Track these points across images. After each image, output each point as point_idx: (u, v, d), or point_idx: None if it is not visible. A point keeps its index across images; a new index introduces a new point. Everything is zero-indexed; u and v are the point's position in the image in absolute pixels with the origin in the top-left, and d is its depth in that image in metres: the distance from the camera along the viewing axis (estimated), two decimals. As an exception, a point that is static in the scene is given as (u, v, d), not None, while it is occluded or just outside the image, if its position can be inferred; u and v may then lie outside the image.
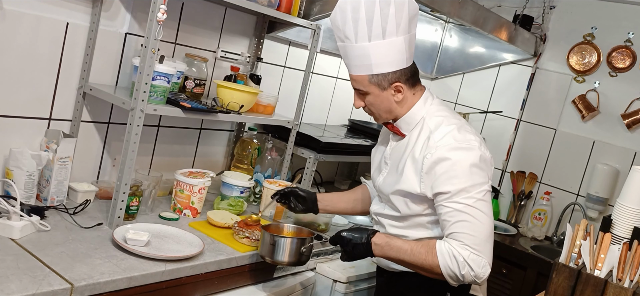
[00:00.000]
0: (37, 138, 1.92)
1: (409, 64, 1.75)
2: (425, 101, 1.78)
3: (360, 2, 1.64)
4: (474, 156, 1.65)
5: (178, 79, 2.12)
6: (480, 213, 1.63)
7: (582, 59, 3.38)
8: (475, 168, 1.65)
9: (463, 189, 1.63)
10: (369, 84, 1.73)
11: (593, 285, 1.63)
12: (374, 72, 1.70)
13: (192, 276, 1.74)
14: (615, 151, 3.27)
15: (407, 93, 1.76)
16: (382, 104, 1.76)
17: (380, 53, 1.68)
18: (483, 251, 1.62)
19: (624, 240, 1.92)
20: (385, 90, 1.73)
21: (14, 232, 1.59)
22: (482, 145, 1.70)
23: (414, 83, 1.78)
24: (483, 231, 1.63)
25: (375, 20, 1.64)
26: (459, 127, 1.71)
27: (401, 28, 1.67)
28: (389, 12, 1.64)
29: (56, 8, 1.86)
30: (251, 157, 2.54)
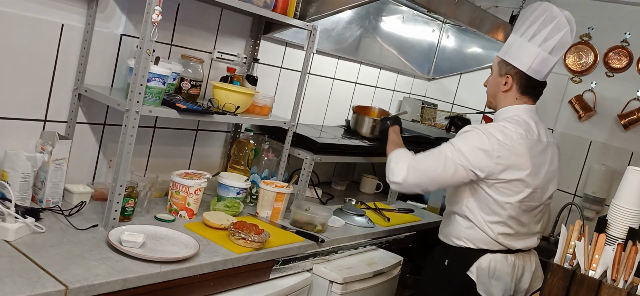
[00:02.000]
0: (32, 139, 1.92)
1: (530, 74, 2.07)
2: (518, 108, 2.11)
3: (538, 7, 2.05)
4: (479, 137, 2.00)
5: (174, 80, 2.12)
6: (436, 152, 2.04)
7: (579, 59, 3.38)
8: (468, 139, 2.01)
9: (452, 140, 2.05)
10: (496, 64, 2.15)
11: (587, 286, 1.63)
12: (505, 58, 2.11)
13: (188, 278, 1.74)
14: (612, 151, 3.27)
15: (513, 92, 2.11)
16: (492, 87, 2.17)
17: (518, 48, 2.07)
18: (410, 166, 2.04)
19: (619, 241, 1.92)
20: (501, 76, 2.12)
21: (8, 234, 1.59)
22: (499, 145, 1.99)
23: (524, 92, 2.11)
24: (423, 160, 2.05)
25: (534, 25, 2.03)
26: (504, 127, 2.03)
27: (545, 45, 2.03)
28: (546, 27, 2.02)
29: (51, 10, 1.86)
30: (248, 158, 2.54)
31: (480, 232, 2.08)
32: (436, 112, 3.78)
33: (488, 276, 2.08)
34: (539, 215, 2.19)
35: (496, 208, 2.05)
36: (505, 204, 2.04)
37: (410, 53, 3.61)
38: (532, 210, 2.13)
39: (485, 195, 2.05)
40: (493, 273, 2.09)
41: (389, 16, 3.31)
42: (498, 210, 2.05)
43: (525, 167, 2.02)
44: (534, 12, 2.04)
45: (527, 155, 2.02)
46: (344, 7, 2.48)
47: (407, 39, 3.54)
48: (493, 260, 2.08)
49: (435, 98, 3.93)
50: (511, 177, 2.01)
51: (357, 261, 2.41)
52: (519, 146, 2.02)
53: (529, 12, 2.06)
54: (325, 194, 2.95)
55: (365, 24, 3.16)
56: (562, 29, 2.02)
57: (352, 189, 3.30)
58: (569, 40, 2.06)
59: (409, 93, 3.83)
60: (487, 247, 2.09)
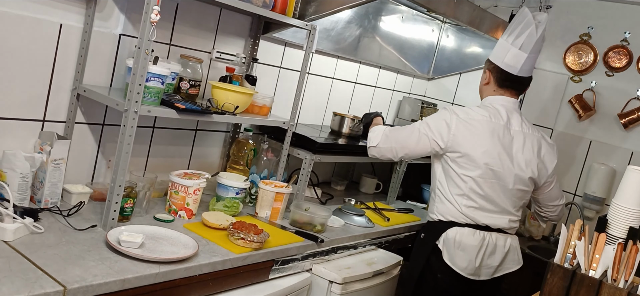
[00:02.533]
0: (30, 140, 1.91)
1: (506, 69, 2.32)
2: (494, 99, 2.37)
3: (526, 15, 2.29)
4: (445, 113, 2.33)
5: (172, 80, 2.12)
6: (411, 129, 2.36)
7: (579, 58, 3.38)
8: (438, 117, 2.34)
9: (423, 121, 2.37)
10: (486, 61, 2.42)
11: (588, 286, 1.63)
12: (490, 56, 2.39)
13: (187, 278, 1.73)
14: (612, 151, 3.27)
15: (492, 85, 2.38)
16: (480, 82, 2.45)
17: (499, 46, 2.36)
18: (384, 135, 2.40)
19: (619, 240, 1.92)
20: (485, 71, 2.41)
21: (6, 234, 1.58)
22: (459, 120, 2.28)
23: (501, 85, 2.36)
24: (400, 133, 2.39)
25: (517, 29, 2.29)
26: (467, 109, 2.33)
27: (517, 42, 2.29)
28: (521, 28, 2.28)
29: (49, 9, 1.86)
30: (247, 158, 2.54)
31: (449, 205, 2.33)
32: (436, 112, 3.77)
33: (453, 247, 2.30)
34: (513, 198, 2.35)
35: (458, 181, 2.29)
36: (464, 177, 2.28)
37: (409, 53, 3.61)
38: (501, 188, 2.30)
39: (449, 169, 2.31)
40: (459, 244, 2.29)
41: (388, 16, 3.31)
42: (460, 183, 2.29)
43: (481, 146, 2.25)
44: (519, 17, 2.33)
45: (486, 135, 2.26)
46: (343, 6, 2.47)
47: (406, 38, 3.53)
48: (459, 233, 2.30)
49: (434, 98, 3.93)
50: (465, 151, 2.26)
51: (356, 262, 2.41)
52: (479, 125, 2.27)
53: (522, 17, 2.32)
54: (324, 194, 2.94)
55: (364, 24, 3.16)
56: (529, 26, 2.26)
57: (351, 189, 3.29)
58: (534, 36, 2.27)
59: (409, 93, 3.83)
60: (455, 220, 2.32)
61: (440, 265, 2.32)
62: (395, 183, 3.10)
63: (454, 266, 2.30)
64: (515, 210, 2.38)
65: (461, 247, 2.29)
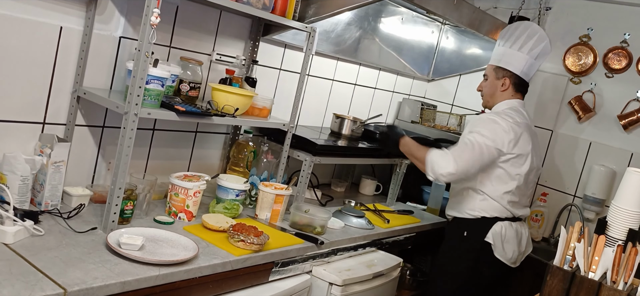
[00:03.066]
0: (31, 142, 1.92)
1: (521, 76, 2.55)
2: (510, 103, 2.56)
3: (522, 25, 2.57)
4: (499, 124, 2.42)
5: (173, 82, 2.12)
6: (475, 146, 2.37)
7: (578, 60, 3.38)
8: (490, 124, 2.43)
9: (476, 132, 2.41)
10: (492, 71, 2.59)
11: (587, 288, 1.63)
12: (499, 64, 2.57)
13: (187, 280, 1.73)
14: (611, 152, 3.27)
15: (509, 91, 2.57)
16: (490, 88, 2.60)
17: (510, 56, 2.54)
18: (456, 157, 2.36)
19: (618, 242, 1.92)
20: (498, 79, 2.57)
21: (7, 237, 1.59)
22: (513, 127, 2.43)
23: (516, 90, 2.58)
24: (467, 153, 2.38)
25: (520, 39, 2.52)
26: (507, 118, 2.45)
27: (532, 53, 2.53)
28: (532, 39, 2.51)
29: (50, 12, 1.86)
30: (247, 160, 2.54)
31: (493, 202, 2.49)
32: (435, 113, 3.78)
33: (501, 240, 2.48)
34: (531, 187, 2.66)
35: (508, 179, 2.47)
36: (515, 175, 2.47)
37: (409, 54, 3.61)
38: (529, 182, 2.57)
39: (498, 170, 2.46)
40: (505, 237, 2.49)
41: (388, 17, 3.31)
42: (509, 182, 2.47)
43: (529, 143, 2.49)
44: (518, 28, 2.56)
45: (527, 134, 2.49)
46: (343, 8, 2.47)
47: (406, 40, 3.53)
48: (503, 226, 2.50)
49: (434, 100, 3.93)
50: (520, 152, 2.45)
51: (356, 263, 2.41)
52: (523, 127, 2.49)
53: (513, 29, 2.58)
54: (324, 196, 2.95)
55: (364, 26, 3.16)
56: (543, 40, 2.53)
57: (351, 191, 3.29)
58: (549, 50, 2.56)
59: (408, 95, 3.83)
60: (499, 215, 2.51)
61: (489, 259, 2.48)
62: (395, 184, 3.11)
63: (503, 258, 2.49)
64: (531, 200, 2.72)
65: (507, 239, 2.50)
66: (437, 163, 2.39)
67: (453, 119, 3.70)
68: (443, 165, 2.37)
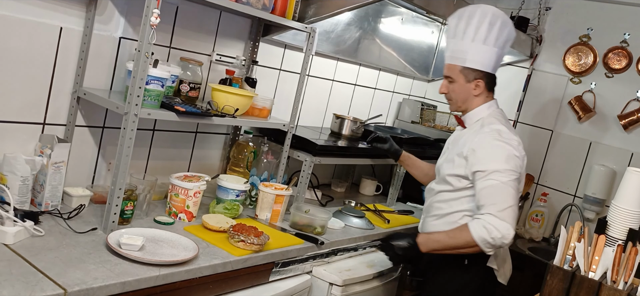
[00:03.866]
0: (31, 143, 1.92)
1: (493, 73, 2.20)
2: (489, 107, 2.22)
3: (477, 11, 2.12)
4: (511, 150, 2.06)
5: (173, 83, 2.12)
6: (508, 188, 2.01)
7: (578, 60, 3.38)
8: (511, 157, 2.05)
9: (497, 170, 2.02)
10: (458, 73, 2.18)
11: (587, 287, 1.63)
12: (466, 65, 2.16)
13: (187, 280, 1.73)
14: (612, 152, 3.27)
15: (483, 93, 2.20)
16: (462, 93, 2.21)
17: (476, 52, 2.14)
18: (508, 217, 1.98)
19: (618, 242, 1.92)
20: (469, 82, 2.18)
21: (7, 238, 1.59)
22: (520, 147, 2.11)
23: (490, 89, 2.23)
24: (508, 201, 1.99)
25: (482, 28, 2.11)
26: (507, 129, 2.13)
27: (498, 42, 2.14)
28: (494, 27, 2.12)
29: (50, 13, 1.86)
30: (247, 160, 2.54)
31: None
32: (436, 114, 3.78)
33: (502, 262, 2.24)
34: None
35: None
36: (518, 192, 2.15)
37: (409, 54, 3.61)
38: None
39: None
40: (504, 258, 2.26)
41: (388, 18, 3.31)
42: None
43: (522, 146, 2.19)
44: (474, 16, 2.12)
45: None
46: (343, 8, 2.48)
47: (406, 40, 3.53)
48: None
49: (434, 100, 3.93)
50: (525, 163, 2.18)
51: (357, 264, 2.41)
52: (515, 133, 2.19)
53: (468, 16, 2.13)
54: (324, 196, 2.95)
55: (364, 26, 3.16)
56: (508, 25, 2.16)
57: (351, 191, 3.30)
58: (514, 34, 2.21)
59: (409, 95, 3.83)
60: None
61: (492, 286, 2.22)
62: (395, 185, 3.11)
63: (503, 281, 2.24)
64: None
65: (504, 258, 2.25)
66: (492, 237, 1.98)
67: (453, 119, 3.70)
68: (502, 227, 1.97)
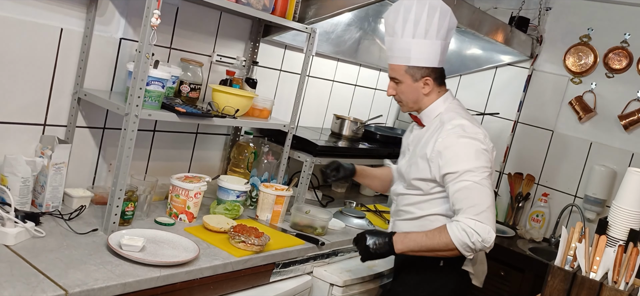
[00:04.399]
0: (31, 144, 1.92)
1: (440, 66, 2.05)
2: (445, 100, 2.07)
3: (412, 4, 1.96)
4: (479, 145, 1.93)
5: (173, 84, 2.12)
6: (483, 188, 1.88)
7: (579, 60, 3.38)
8: (480, 153, 1.92)
9: (469, 170, 1.89)
10: (404, 74, 2.03)
11: (588, 288, 1.63)
12: (411, 63, 2.01)
13: (188, 281, 1.73)
14: (612, 152, 3.27)
15: (434, 89, 2.05)
16: (411, 94, 2.06)
17: (419, 49, 1.99)
18: (487, 219, 1.86)
19: (620, 242, 1.92)
20: (417, 81, 2.03)
21: (8, 239, 1.59)
22: (487, 139, 1.99)
23: (440, 83, 2.08)
24: (485, 202, 1.88)
25: (421, 22, 1.96)
26: (469, 122, 1.99)
27: (440, 34, 1.99)
28: (433, 19, 1.96)
29: (50, 14, 1.86)
30: (247, 161, 2.54)
31: None
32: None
33: (478, 264, 2.10)
34: None
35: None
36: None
37: (409, 55, 3.60)
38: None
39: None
40: (481, 260, 2.13)
41: (388, 18, 3.31)
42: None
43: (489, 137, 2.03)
44: (410, 10, 1.95)
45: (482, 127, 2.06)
46: (343, 9, 2.48)
47: (406, 40, 3.53)
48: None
49: (435, 100, 3.92)
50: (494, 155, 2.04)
51: (357, 264, 2.41)
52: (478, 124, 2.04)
53: (405, 10, 1.96)
54: (325, 197, 2.94)
55: (364, 26, 3.16)
56: (447, 14, 1.99)
57: (352, 192, 3.29)
58: (455, 20, 2.03)
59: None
60: None
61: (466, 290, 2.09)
62: (395, 185, 3.10)
63: (478, 284, 2.12)
64: None
65: (480, 260, 2.11)
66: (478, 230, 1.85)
67: (453, 120, 3.70)
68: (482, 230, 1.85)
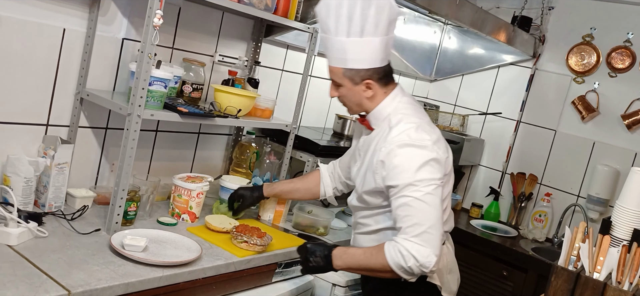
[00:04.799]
0: (34, 144, 1.92)
1: (384, 64, 1.80)
2: (393, 98, 1.84)
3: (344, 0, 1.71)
4: (425, 154, 1.70)
5: (175, 84, 2.12)
6: (425, 206, 1.67)
7: (582, 59, 3.37)
8: (425, 165, 1.69)
9: (410, 184, 1.67)
10: (342, 77, 1.80)
11: (592, 288, 1.62)
12: (348, 66, 1.77)
13: (190, 281, 1.73)
14: (615, 152, 3.26)
15: (378, 91, 1.82)
16: (353, 97, 1.83)
17: (356, 50, 1.74)
18: (428, 241, 1.65)
19: (623, 242, 1.91)
20: (357, 85, 1.80)
21: (11, 239, 1.59)
22: (436, 145, 1.74)
23: (386, 82, 1.83)
24: (428, 221, 1.66)
25: (355, 19, 1.70)
26: (417, 126, 1.75)
27: (379, 29, 1.73)
28: (369, 13, 1.70)
29: (53, 14, 1.86)
30: (250, 161, 2.54)
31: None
32: (438, 114, 3.78)
33: (446, 274, 1.90)
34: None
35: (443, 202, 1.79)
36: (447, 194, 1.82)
37: (411, 55, 3.60)
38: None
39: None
40: (448, 267, 1.92)
41: (390, 18, 3.30)
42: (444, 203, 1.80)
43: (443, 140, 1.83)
44: (342, 5, 1.70)
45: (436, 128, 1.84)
46: (345, 9, 2.47)
47: (408, 40, 3.53)
48: (444, 255, 1.87)
49: (437, 100, 3.92)
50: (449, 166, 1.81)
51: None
52: (431, 126, 1.81)
53: (336, 6, 1.71)
54: (327, 197, 2.94)
55: (366, 26, 3.15)
56: (384, 7, 1.72)
57: (354, 191, 3.29)
58: (396, 10, 1.75)
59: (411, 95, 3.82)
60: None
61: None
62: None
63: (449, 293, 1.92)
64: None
65: (449, 269, 1.92)
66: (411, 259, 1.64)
67: (456, 119, 3.69)
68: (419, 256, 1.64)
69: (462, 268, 3.30)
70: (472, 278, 3.14)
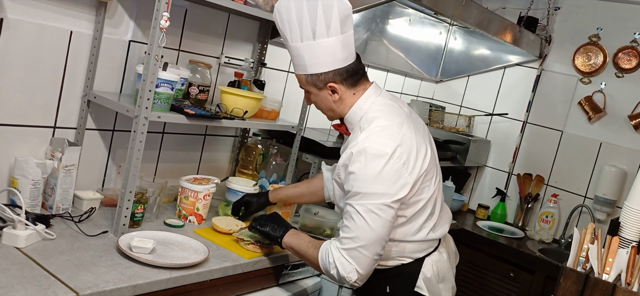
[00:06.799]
0: (42, 146, 1.92)
1: (346, 64, 1.72)
2: (366, 99, 1.76)
3: (290, 4, 1.67)
4: (381, 164, 1.61)
5: (182, 86, 2.12)
6: (365, 225, 1.61)
7: (588, 60, 3.36)
8: (384, 174, 1.61)
9: (360, 193, 1.62)
10: (307, 84, 1.76)
11: (601, 290, 1.61)
12: (308, 71, 1.72)
13: (198, 283, 1.73)
14: (622, 152, 3.24)
15: (345, 93, 1.75)
16: (322, 103, 1.79)
17: (312, 54, 1.69)
18: (355, 258, 1.63)
19: (632, 243, 1.90)
20: (322, 90, 1.75)
21: (19, 241, 1.59)
22: (396, 153, 1.63)
23: (354, 83, 1.75)
24: (362, 241, 1.62)
25: (304, 22, 1.66)
26: (383, 129, 1.67)
27: (332, 29, 1.66)
28: (317, 14, 1.64)
29: (60, 16, 1.87)
30: (256, 163, 2.54)
31: (412, 244, 1.79)
32: (444, 115, 3.77)
33: (436, 283, 1.84)
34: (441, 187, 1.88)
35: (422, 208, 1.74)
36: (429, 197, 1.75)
37: (417, 56, 3.60)
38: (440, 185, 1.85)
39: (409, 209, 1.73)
40: (439, 275, 1.85)
41: (395, 19, 3.30)
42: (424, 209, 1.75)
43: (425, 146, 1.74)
44: (290, 10, 1.67)
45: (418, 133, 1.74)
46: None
47: (414, 41, 3.52)
48: (434, 263, 1.83)
49: (443, 101, 3.92)
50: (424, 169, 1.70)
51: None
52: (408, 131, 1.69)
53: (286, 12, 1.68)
54: (333, 198, 2.93)
55: (372, 27, 3.16)
56: (332, 5, 1.64)
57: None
58: (347, 4, 1.67)
59: (417, 96, 3.82)
60: (424, 253, 1.82)
61: None
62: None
63: None
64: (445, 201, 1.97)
65: (442, 277, 1.85)
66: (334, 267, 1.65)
67: (462, 120, 3.69)
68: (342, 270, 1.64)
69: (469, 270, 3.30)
70: (479, 280, 3.13)
